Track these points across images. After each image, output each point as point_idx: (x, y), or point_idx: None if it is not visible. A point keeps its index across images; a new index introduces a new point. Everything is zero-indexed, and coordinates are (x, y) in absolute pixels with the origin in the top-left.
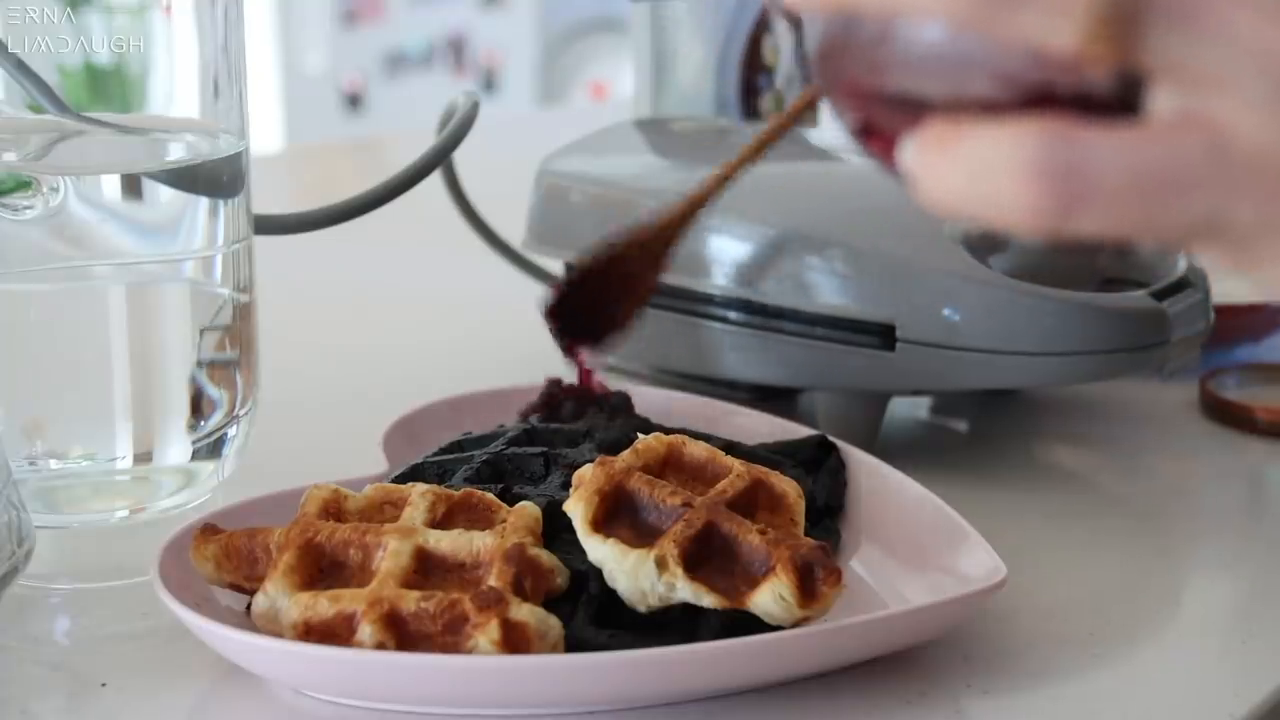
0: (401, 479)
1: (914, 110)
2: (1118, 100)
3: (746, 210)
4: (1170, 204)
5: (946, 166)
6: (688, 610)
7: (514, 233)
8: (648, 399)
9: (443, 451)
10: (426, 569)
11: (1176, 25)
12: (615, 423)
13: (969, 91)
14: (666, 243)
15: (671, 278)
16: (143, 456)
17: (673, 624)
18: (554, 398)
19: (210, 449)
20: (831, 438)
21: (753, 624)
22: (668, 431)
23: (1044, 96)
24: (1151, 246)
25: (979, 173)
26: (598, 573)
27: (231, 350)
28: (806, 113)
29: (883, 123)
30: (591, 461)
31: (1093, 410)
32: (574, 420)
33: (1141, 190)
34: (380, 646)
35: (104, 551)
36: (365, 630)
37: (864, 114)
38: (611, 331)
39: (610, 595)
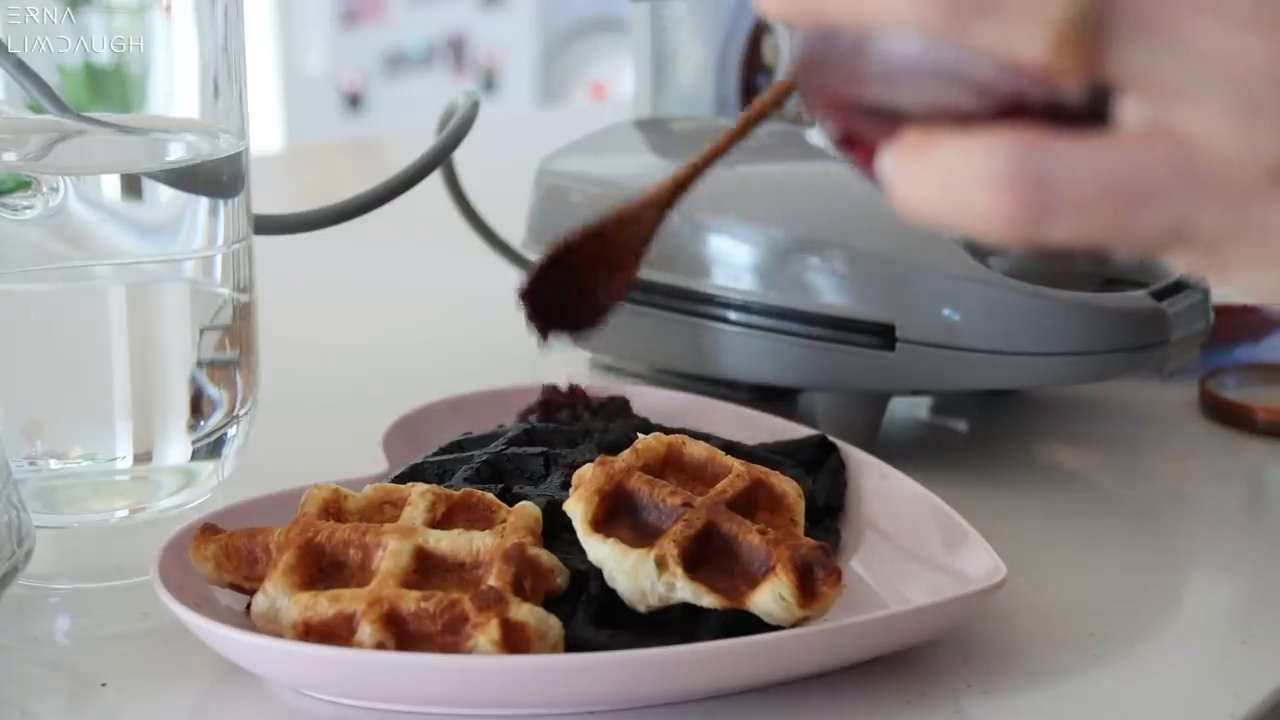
0: (401, 479)
1: (891, 120)
2: (1088, 110)
3: (746, 210)
4: (1139, 212)
5: (921, 176)
6: (688, 610)
7: (514, 233)
8: (648, 399)
9: (443, 451)
10: (426, 569)
11: (1140, 37)
12: (615, 423)
13: (943, 102)
14: (647, 227)
15: (671, 278)
16: (143, 456)
17: (673, 624)
18: (550, 404)
19: (210, 449)
20: (831, 438)
21: (753, 624)
22: (668, 431)
23: (1017, 107)
24: (1124, 254)
25: (952, 182)
26: (598, 573)
27: (231, 350)
28: (790, 95)
29: (863, 132)
30: (591, 461)
31: (1093, 410)
32: (572, 422)
33: (1110, 199)
34: (380, 646)
35: (104, 551)
36: (365, 630)
37: (845, 124)
38: (589, 318)
39: (610, 595)
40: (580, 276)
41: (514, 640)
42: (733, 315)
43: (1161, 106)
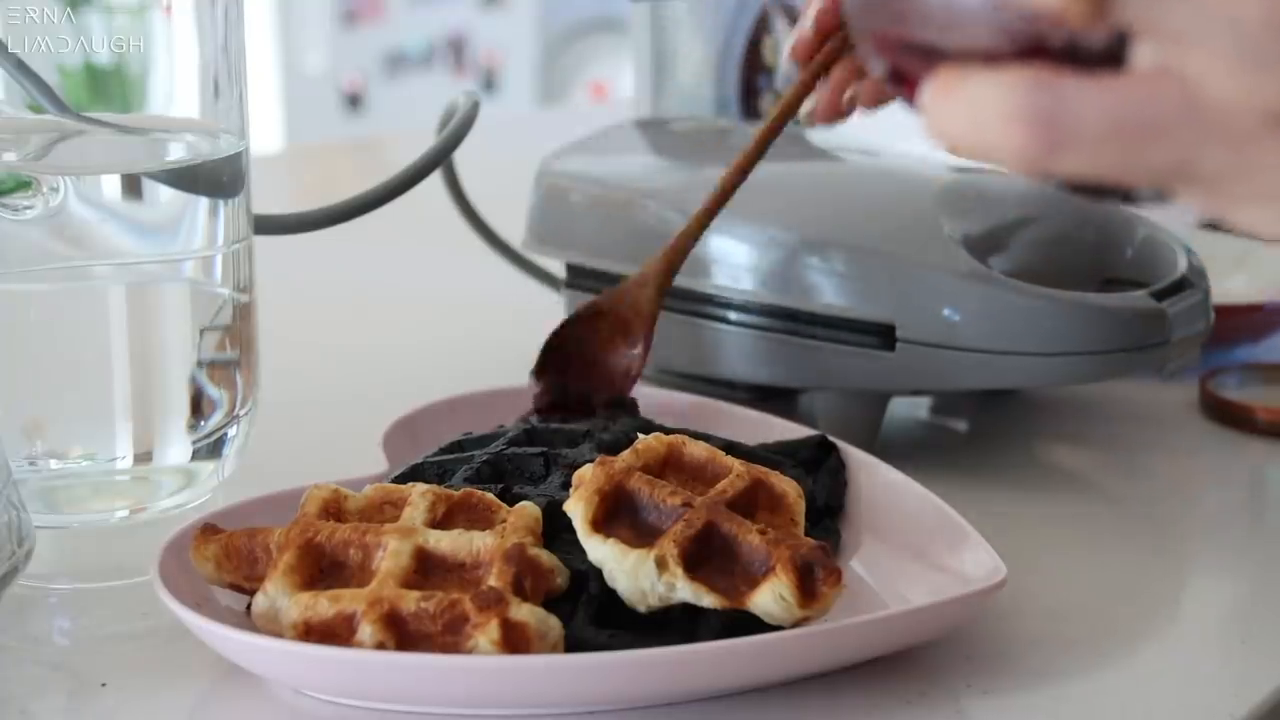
0: (401, 479)
1: (931, 58)
2: (1105, 52)
3: (747, 210)
4: (1144, 148)
5: (951, 109)
6: (688, 610)
7: (514, 233)
8: (648, 399)
9: (443, 451)
10: (426, 569)
11: None
12: (615, 423)
13: (974, 43)
14: (651, 294)
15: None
16: (143, 456)
17: (673, 624)
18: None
19: (210, 449)
20: (831, 438)
21: (753, 624)
22: (668, 431)
23: (1039, 48)
24: (1136, 189)
25: (976, 116)
26: (598, 573)
27: (231, 350)
28: (792, 114)
29: (907, 68)
30: (591, 461)
31: (1093, 410)
32: (572, 421)
33: (1118, 135)
34: (380, 646)
35: (104, 551)
36: (365, 630)
37: (892, 60)
38: (604, 385)
39: (610, 595)
40: (590, 349)
41: (514, 640)
42: (733, 315)
43: (1168, 51)
